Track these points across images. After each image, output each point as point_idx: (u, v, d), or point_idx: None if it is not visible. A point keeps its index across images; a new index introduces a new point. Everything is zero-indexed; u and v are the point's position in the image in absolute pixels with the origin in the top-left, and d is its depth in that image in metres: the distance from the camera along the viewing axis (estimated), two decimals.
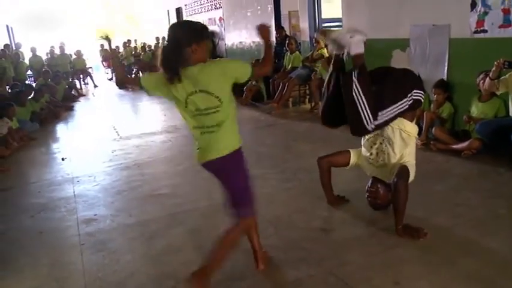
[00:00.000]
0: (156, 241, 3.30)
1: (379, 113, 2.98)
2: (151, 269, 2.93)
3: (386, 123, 3.07)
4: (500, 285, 2.50)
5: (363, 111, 2.95)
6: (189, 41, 2.29)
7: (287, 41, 8.66)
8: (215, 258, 2.44)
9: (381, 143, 3.27)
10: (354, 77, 2.95)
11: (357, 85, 2.94)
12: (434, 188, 3.91)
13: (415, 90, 3.07)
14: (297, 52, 8.63)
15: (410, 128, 3.20)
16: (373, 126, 3.00)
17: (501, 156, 4.43)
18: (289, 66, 8.64)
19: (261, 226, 3.36)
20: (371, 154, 3.35)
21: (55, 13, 24.10)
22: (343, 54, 3.11)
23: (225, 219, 3.47)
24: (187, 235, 3.36)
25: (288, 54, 8.71)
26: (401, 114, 3.08)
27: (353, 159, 3.52)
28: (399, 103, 3.02)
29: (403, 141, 3.19)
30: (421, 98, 3.12)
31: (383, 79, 3.10)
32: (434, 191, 3.86)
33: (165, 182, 4.58)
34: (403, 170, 3.13)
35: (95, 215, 3.89)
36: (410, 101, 3.05)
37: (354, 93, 2.94)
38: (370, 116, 2.96)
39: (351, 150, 3.55)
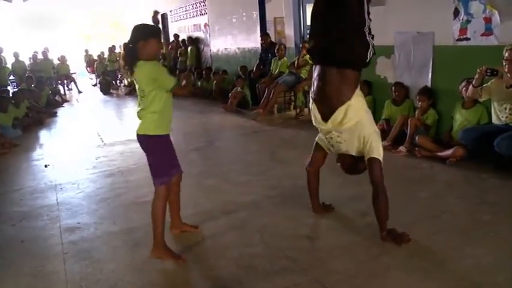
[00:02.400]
0: (140, 249, 3.26)
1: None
2: (135, 278, 2.88)
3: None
4: None
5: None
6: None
7: (277, 47, 8.72)
8: (155, 228, 3.09)
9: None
10: None
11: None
12: (418, 194, 3.93)
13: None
14: (285, 58, 8.66)
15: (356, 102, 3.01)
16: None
17: (485, 163, 4.47)
18: (276, 71, 8.67)
19: (246, 234, 3.38)
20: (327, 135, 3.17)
21: (44, 16, 23.90)
22: None
23: (210, 227, 3.48)
24: (170, 243, 3.32)
25: (277, 59, 8.74)
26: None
27: (324, 145, 3.35)
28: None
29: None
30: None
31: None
32: (418, 197, 3.88)
33: (149, 189, 4.46)
34: (375, 174, 2.99)
35: (79, 223, 3.84)
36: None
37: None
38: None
39: (317, 140, 3.41)
